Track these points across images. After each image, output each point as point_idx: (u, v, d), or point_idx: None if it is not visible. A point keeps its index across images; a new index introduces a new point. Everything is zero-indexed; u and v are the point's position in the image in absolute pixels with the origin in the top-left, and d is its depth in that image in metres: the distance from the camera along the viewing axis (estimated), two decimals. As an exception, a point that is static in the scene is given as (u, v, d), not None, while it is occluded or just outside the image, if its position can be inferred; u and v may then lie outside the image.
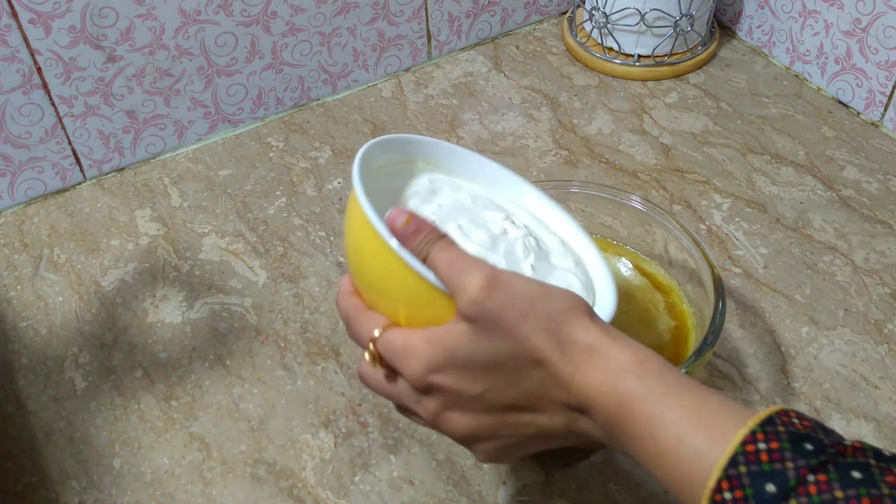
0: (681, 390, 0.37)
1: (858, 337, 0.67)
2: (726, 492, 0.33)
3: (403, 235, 0.43)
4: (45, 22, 0.74)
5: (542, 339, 0.39)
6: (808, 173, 0.82)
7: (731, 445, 0.34)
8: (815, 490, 0.32)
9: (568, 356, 0.39)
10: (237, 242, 0.78)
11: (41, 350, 0.69)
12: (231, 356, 0.68)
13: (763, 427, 0.34)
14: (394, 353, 0.43)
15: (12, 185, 0.81)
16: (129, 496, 0.59)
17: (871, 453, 0.33)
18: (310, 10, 0.86)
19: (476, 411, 0.42)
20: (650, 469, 0.38)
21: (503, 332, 0.39)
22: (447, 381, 0.41)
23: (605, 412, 0.38)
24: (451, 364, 0.41)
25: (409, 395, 0.44)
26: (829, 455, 0.33)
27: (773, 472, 0.33)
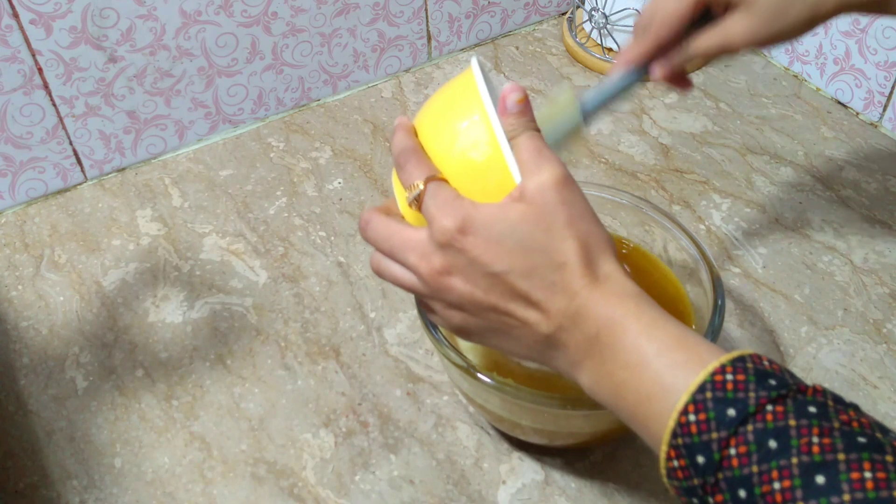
0: (669, 320, 0.41)
1: (857, 337, 0.67)
2: (692, 414, 0.36)
3: (509, 109, 0.44)
4: (46, 22, 0.74)
5: (576, 249, 0.41)
6: (807, 173, 0.82)
7: (702, 374, 0.37)
8: (772, 418, 0.34)
9: (586, 272, 0.41)
10: (238, 242, 0.78)
11: (42, 350, 0.69)
12: (232, 356, 0.68)
13: (733, 362, 0.37)
14: (439, 201, 0.43)
15: (13, 185, 0.81)
16: (130, 495, 0.59)
17: (830, 396, 0.36)
18: (310, 11, 0.86)
19: (479, 286, 0.42)
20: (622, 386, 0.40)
21: (550, 225, 0.41)
22: (471, 247, 0.41)
23: (596, 325, 0.41)
24: (485, 233, 0.41)
25: (420, 245, 0.44)
26: (790, 390, 0.35)
27: (736, 399, 0.35)
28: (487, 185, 0.44)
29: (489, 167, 0.44)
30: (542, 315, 0.42)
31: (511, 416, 0.55)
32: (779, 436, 0.34)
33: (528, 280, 0.41)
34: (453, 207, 0.42)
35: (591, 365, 0.41)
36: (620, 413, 0.41)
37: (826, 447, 0.33)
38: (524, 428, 0.56)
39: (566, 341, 0.42)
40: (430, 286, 0.44)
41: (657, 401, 0.38)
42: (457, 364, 0.53)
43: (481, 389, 0.53)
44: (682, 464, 0.37)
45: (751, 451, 0.34)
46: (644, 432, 0.40)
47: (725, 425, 0.35)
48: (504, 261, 0.41)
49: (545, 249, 0.41)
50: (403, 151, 0.45)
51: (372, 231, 0.46)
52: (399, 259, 0.45)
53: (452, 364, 0.53)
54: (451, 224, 0.42)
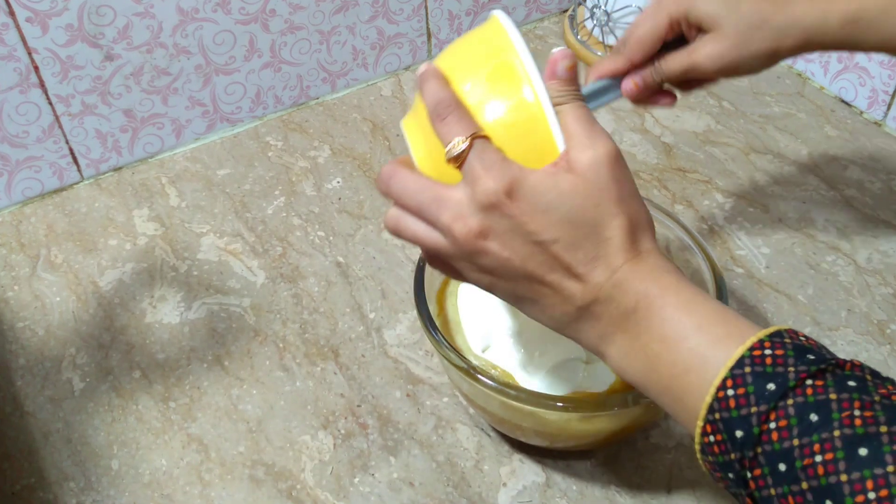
0: (706, 297, 0.41)
1: (861, 337, 0.67)
2: (730, 389, 0.36)
3: (559, 75, 0.43)
4: (43, 20, 0.73)
5: (623, 226, 0.41)
6: (811, 173, 0.81)
7: (740, 349, 0.37)
8: (812, 392, 0.34)
9: (631, 249, 0.41)
10: (235, 242, 0.77)
11: (39, 351, 0.69)
12: (229, 357, 0.67)
13: (771, 337, 0.37)
14: (486, 161, 0.41)
15: (9, 184, 0.81)
16: (128, 497, 0.59)
17: (867, 370, 0.36)
18: (309, 8, 0.86)
19: (517, 253, 0.41)
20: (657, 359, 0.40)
21: (601, 201, 0.41)
22: (518, 212, 0.40)
23: (635, 298, 0.40)
24: (534, 200, 0.40)
25: (456, 204, 0.41)
26: (829, 365, 0.35)
27: (776, 374, 0.35)
28: (527, 149, 0.42)
29: (531, 131, 0.42)
30: (581, 286, 0.41)
31: (512, 417, 0.55)
32: (820, 409, 0.34)
33: (572, 252, 0.41)
34: (501, 169, 0.41)
35: (624, 338, 0.41)
36: (651, 387, 0.41)
37: (868, 420, 0.33)
38: (525, 430, 0.56)
39: (601, 313, 0.41)
40: (461, 248, 0.42)
41: (696, 374, 0.38)
42: (457, 365, 0.52)
43: (482, 391, 0.53)
44: (718, 438, 0.36)
45: (791, 424, 0.34)
46: (678, 406, 0.39)
47: (765, 399, 0.35)
48: (550, 230, 0.40)
49: (593, 224, 0.41)
50: (442, 102, 0.43)
51: (397, 185, 0.44)
52: (428, 216, 0.43)
53: (453, 365, 0.53)
54: (498, 186, 0.40)
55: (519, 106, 0.42)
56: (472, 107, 0.43)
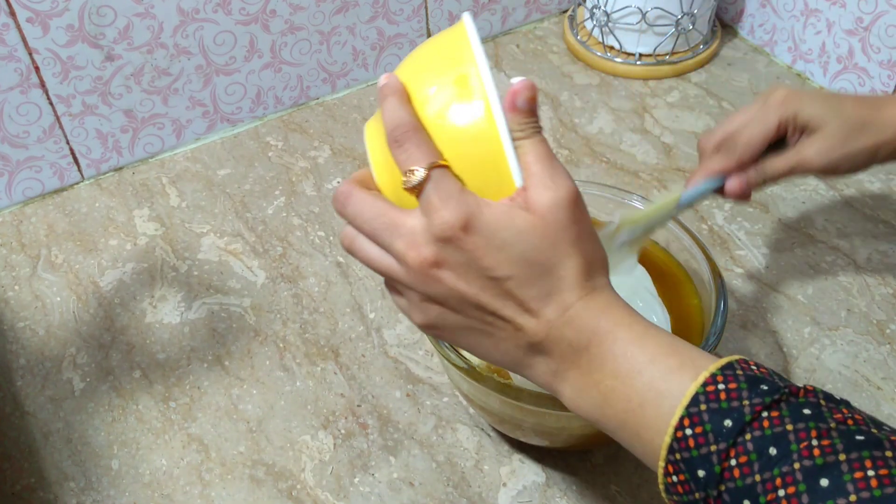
0: (659, 330, 0.41)
1: (861, 337, 0.67)
2: (687, 428, 0.36)
3: (519, 107, 0.42)
4: (43, 20, 0.73)
5: (578, 265, 0.41)
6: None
7: (692, 386, 0.37)
8: (768, 424, 0.34)
9: (584, 285, 0.41)
10: (236, 242, 0.77)
11: (39, 351, 0.69)
12: (230, 357, 0.68)
13: (723, 370, 0.37)
14: (442, 192, 0.40)
15: (10, 184, 0.81)
16: (128, 497, 0.59)
17: (821, 395, 0.36)
18: (309, 9, 0.86)
19: (472, 285, 0.41)
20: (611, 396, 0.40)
21: (557, 242, 0.40)
22: (472, 247, 0.40)
23: (587, 334, 0.40)
24: (489, 236, 0.40)
25: (411, 233, 0.41)
26: (783, 395, 0.35)
27: (731, 409, 0.35)
28: (484, 181, 0.41)
29: (488, 163, 0.41)
30: (534, 320, 0.41)
31: (512, 417, 0.55)
32: (778, 442, 0.34)
33: (526, 288, 0.40)
34: (458, 202, 0.40)
35: (577, 374, 0.41)
36: (606, 423, 0.41)
37: (826, 449, 0.33)
38: (525, 429, 0.56)
39: (552, 349, 0.41)
40: (414, 275, 0.42)
41: (651, 407, 0.38)
42: (457, 365, 0.52)
43: (482, 391, 0.53)
44: (681, 479, 0.36)
45: (751, 460, 0.34)
46: (635, 440, 0.39)
47: (724, 436, 0.35)
48: (505, 267, 0.40)
49: (548, 264, 0.40)
50: (401, 126, 0.42)
51: (353, 207, 0.43)
52: (383, 243, 0.42)
53: (453, 365, 0.53)
54: (454, 220, 0.40)
55: (478, 137, 0.41)
56: (431, 125, 0.42)
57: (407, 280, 0.42)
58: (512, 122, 0.41)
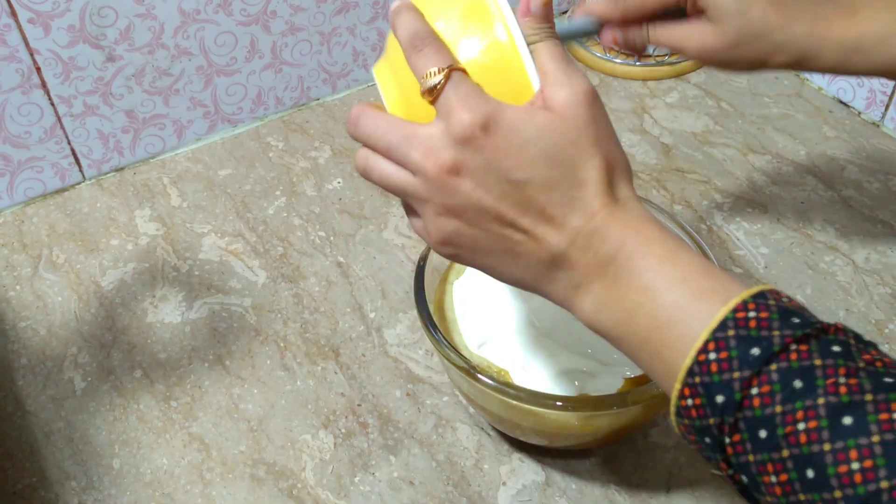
0: (691, 252, 0.39)
1: (859, 337, 0.67)
2: (712, 352, 0.35)
3: (533, 11, 0.41)
4: (45, 21, 0.74)
5: (600, 167, 0.40)
6: (809, 173, 0.81)
7: (723, 310, 0.35)
8: (796, 357, 0.33)
9: (608, 192, 0.40)
10: (237, 242, 0.78)
11: (40, 350, 0.69)
12: (230, 356, 0.68)
13: (755, 298, 0.36)
14: (461, 93, 0.39)
15: (11, 184, 0.81)
16: (129, 497, 0.59)
17: (851, 335, 0.35)
18: (309, 10, 0.86)
19: (491, 192, 0.39)
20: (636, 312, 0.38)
21: (577, 140, 0.39)
22: (492, 147, 0.39)
23: (615, 245, 0.39)
24: (509, 135, 0.39)
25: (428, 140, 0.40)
26: (814, 329, 0.34)
27: (760, 338, 0.34)
28: (502, 88, 0.40)
29: (506, 70, 0.41)
30: (555, 231, 0.39)
31: (511, 417, 0.55)
32: (804, 376, 0.33)
33: (547, 192, 0.39)
34: (477, 102, 0.39)
35: (601, 287, 0.39)
36: (627, 339, 0.39)
37: (853, 387, 0.32)
38: (524, 429, 0.56)
39: (576, 261, 0.39)
40: (431, 185, 0.40)
41: (677, 328, 0.36)
42: (457, 365, 0.53)
43: (481, 390, 0.53)
44: (697, 402, 0.35)
45: (774, 390, 0.33)
46: (655, 360, 0.38)
47: (749, 364, 0.34)
48: (525, 168, 0.39)
49: (569, 163, 0.39)
50: (417, 34, 0.41)
51: (366, 125, 0.42)
52: (398, 155, 0.41)
53: (453, 365, 0.53)
54: (474, 119, 0.38)
55: (493, 45, 0.41)
56: (447, 40, 0.41)
57: (424, 192, 0.41)
58: (526, 27, 0.41)
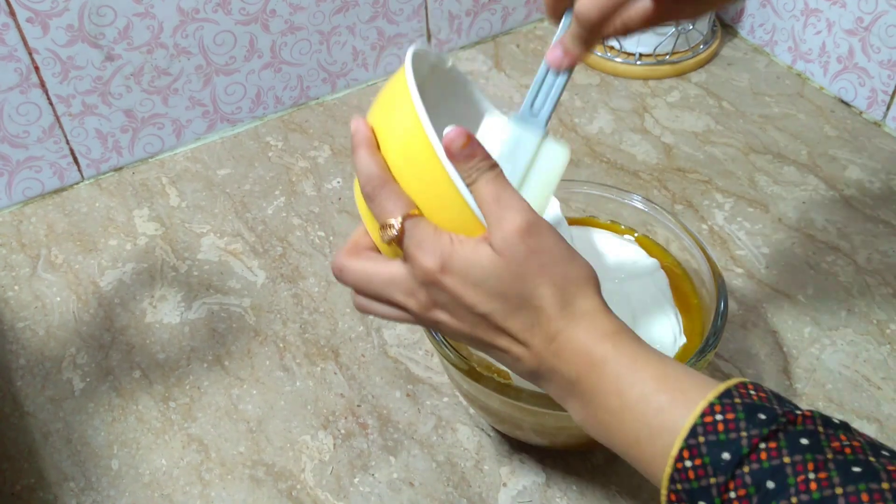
0: (649, 357, 0.41)
1: (861, 337, 0.67)
2: (687, 460, 0.36)
3: (457, 156, 0.43)
4: (43, 20, 0.73)
5: (550, 294, 0.42)
6: (811, 173, 0.81)
7: (690, 417, 0.37)
8: (766, 457, 0.35)
9: (563, 314, 0.42)
10: (236, 242, 0.77)
11: (39, 351, 0.69)
12: (230, 357, 0.68)
13: (721, 399, 0.37)
14: (419, 237, 0.42)
15: (10, 184, 0.81)
16: (128, 498, 0.59)
17: (819, 421, 0.36)
18: (309, 9, 0.86)
19: (465, 322, 0.43)
20: (608, 428, 0.41)
21: (522, 274, 0.41)
22: (454, 286, 0.42)
23: (577, 369, 0.41)
24: (464, 275, 0.42)
25: (403, 282, 0.44)
26: (780, 424, 0.36)
27: (729, 441, 0.36)
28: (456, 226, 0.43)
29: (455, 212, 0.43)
30: (526, 351, 0.43)
31: (511, 417, 0.55)
32: (775, 475, 0.34)
33: (510, 320, 0.42)
34: (432, 246, 0.42)
35: (576, 404, 0.42)
36: (612, 449, 0.42)
37: (823, 482, 0.33)
38: (525, 430, 0.56)
39: (550, 378, 0.43)
40: (419, 317, 0.45)
41: (647, 445, 0.39)
42: (457, 366, 0.52)
43: (481, 391, 0.53)
44: None
45: (750, 493, 0.34)
46: (640, 470, 0.40)
47: (722, 470, 0.35)
48: (484, 303, 0.42)
49: (520, 296, 0.42)
50: (371, 180, 0.44)
51: (349, 278, 0.46)
52: (386, 298, 0.45)
53: (453, 366, 0.53)
54: (431, 264, 0.42)
55: (438, 187, 0.43)
56: (399, 173, 0.44)
57: (417, 320, 0.46)
58: (461, 171, 0.43)
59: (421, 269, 0.42)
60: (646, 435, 0.39)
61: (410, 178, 0.44)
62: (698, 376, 0.39)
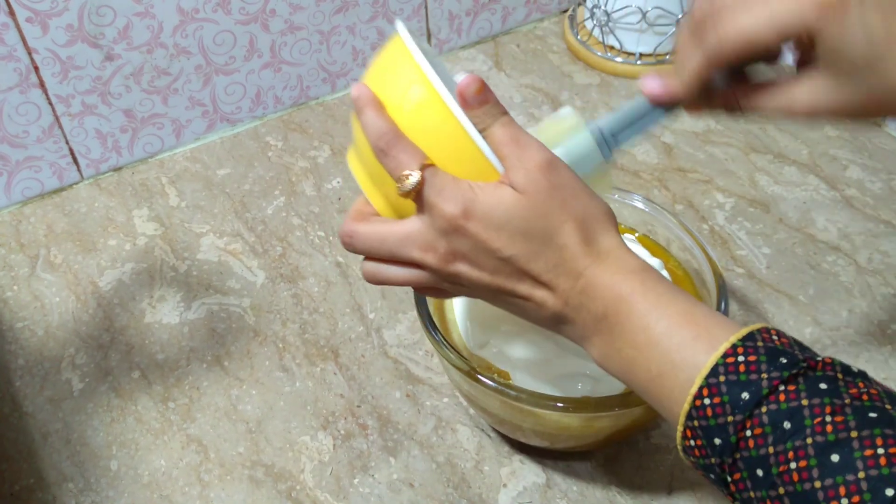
0: (676, 295, 0.41)
1: (862, 338, 0.67)
2: (706, 398, 0.37)
3: (471, 102, 0.43)
4: (43, 20, 0.73)
5: (573, 230, 0.42)
6: (811, 173, 0.81)
7: (713, 356, 0.37)
8: (784, 398, 0.35)
9: (588, 251, 0.42)
10: (235, 242, 0.77)
11: (38, 351, 0.69)
12: (229, 357, 0.67)
13: (744, 341, 0.37)
14: (440, 185, 0.42)
15: (9, 184, 0.81)
16: (126, 498, 0.59)
17: (839, 368, 0.36)
18: (309, 9, 0.86)
19: (485, 269, 0.43)
20: (632, 364, 0.41)
21: (545, 211, 0.41)
22: (478, 231, 0.42)
23: (604, 304, 0.41)
24: (487, 218, 0.41)
25: (420, 236, 0.43)
26: (801, 368, 0.36)
27: (749, 382, 0.36)
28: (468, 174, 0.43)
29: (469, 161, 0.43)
30: (550, 293, 0.42)
31: (512, 418, 0.54)
32: (793, 416, 0.35)
33: (533, 262, 0.42)
34: (454, 192, 0.42)
35: (600, 341, 0.42)
36: (632, 387, 0.42)
37: (839, 426, 0.34)
38: (525, 430, 0.56)
39: (574, 318, 0.43)
40: (437, 273, 0.44)
41: (668, 379, 0.39)
42: (457, 366, 0.52)
43: (482, 392, 0.53)
44: (699, 443, 0.38)
45: (766, 432, 0.35)
46: (658, 406, 0.41)
47: (740, 408, 0.36)
48: (507, 246, 0.42)
49: (544, 234, 0.42)
50: (384, 135, 0.43)
51: (361, 241, 0.45)
52: (401, 257, 0.44)
53: (453, 366, 0.53)
54: (454, 209, 0.41)
55: (451, 138, 0.43)
56: (408, 130, 0.43)
57: (434, 280, 0.45)
58: (473, 118, 0.43)
59: (443, 217, 0.42)
60: (668, 369, 0.39)
61: (419, 134, 0.43)
62: (722, 318, 0.40)
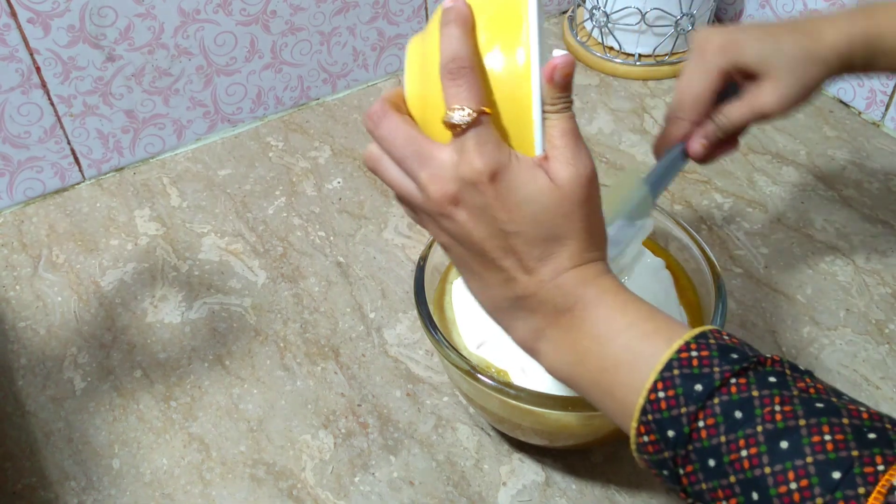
0: (642, 302, 0.42)
1: (859, 337, 0.67)
2: (660, 391, 0.38)
3: (557, 82, 0.42)
4: (44, 21, 0.74)
5: (582, 238, 0.43)
6: (809, 173, 0.81)
7: (668, 352, 0.38)
8: (736, 390, 0.36)
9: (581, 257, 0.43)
10: (236, 242, 0.77)
11: (40, 350, 0.69)
12: (230, 356, 0.68)
13: (697, 339, 0.39)
14: (485, 137, 0.41)
15: (11, 184, 0.81)
16: (129, 497, 0.59)
17: (787, 365, 0.38)
18: (309, 10, 0.86)
19: (481, 229, 0.42)
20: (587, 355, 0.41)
21: (570, 214, 0.42)
22: (496, 196, 0.41)
23: (574, 298, 0.42)
24: (512, 189, 0.41)
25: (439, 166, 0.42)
26: (751, 363, 0.37)
27: (702, 375, 0.37)
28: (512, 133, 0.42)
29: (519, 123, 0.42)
30: (527, 276, 0.42)
31: (511, 416, 0.55)
32: (743, 406, 0.36)
33: (529, 247, 0.42)
34: (493, 151, 0.41)
35: (556, 333, 0.43)
36: (579, 381, 0.42)
37: (787, 414, 0.35)
38: (524, 429, 0.56)
39: (536, 308, 0.43)
40: (431, 204, 0.43)
41: (626, 369, 0.40)
42: (457, 365, 0.53)
43: (481, 391, 0.53)
44: (652, 438, 0.38)
45: (718, 422, 0.36)
46: (607, 399, 0.41)
47: (693, 400, 0.37)
48: (517, 223, 0.41)
49: (556, 230, 0.42)
50: (459, 59, 0.41)
51: (385, 130, 0.43)
52: (408, 169, 0.43)
53: (453, 365, 0.53)
54: (485, 167, 0.41)
55: (514, 97, 0.42)
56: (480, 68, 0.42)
57: (424, 207, 0.43)
58: (546, 94, 0.42)
59: (471, 167, 0.41)
60: (628, 358, 0.40)
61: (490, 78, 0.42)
62: (681, 323, 0.41)
